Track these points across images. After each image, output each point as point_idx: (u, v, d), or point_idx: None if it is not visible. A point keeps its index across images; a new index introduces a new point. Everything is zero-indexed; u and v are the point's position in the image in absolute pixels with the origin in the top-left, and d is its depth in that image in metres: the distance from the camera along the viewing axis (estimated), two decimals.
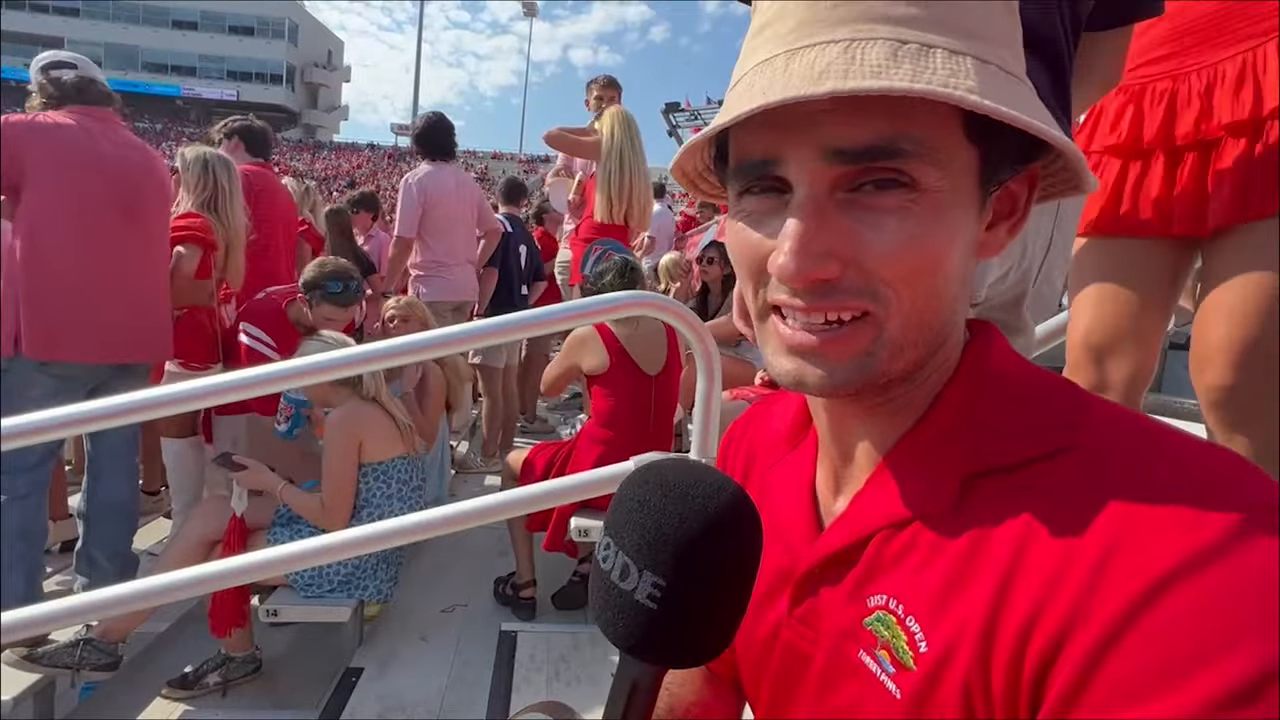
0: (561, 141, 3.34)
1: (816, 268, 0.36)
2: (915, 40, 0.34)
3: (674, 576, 0.32)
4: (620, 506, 0.35)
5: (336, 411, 2.02)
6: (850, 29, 0.35)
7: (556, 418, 4.71)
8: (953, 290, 0.38)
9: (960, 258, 0.38)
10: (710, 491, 0.33)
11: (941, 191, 0.36)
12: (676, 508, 0.33)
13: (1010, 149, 0.36)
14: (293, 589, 1.96)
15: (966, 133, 0.35)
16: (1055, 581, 0.31)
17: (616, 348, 2.26)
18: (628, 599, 0.33)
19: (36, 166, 1.91)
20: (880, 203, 0.36)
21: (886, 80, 0.32)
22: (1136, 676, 0.28)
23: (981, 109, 0.32)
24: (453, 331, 1.40)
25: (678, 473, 0.35)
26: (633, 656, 0.34)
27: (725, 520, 0.33)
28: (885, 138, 0.34)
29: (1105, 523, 0.31)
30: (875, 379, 0.38)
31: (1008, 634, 0.33)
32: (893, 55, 0.33)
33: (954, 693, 0.34)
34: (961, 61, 0.34)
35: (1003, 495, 0.36)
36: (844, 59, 0.34)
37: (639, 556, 0.33)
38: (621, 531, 0.34)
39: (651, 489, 0.34)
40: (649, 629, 0.33)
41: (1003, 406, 0.39)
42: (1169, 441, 0.34)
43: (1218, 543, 0.29)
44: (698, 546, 0.32)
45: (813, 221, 0.36)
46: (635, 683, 0.35)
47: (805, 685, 0.44)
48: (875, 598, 0.39)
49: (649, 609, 0.32)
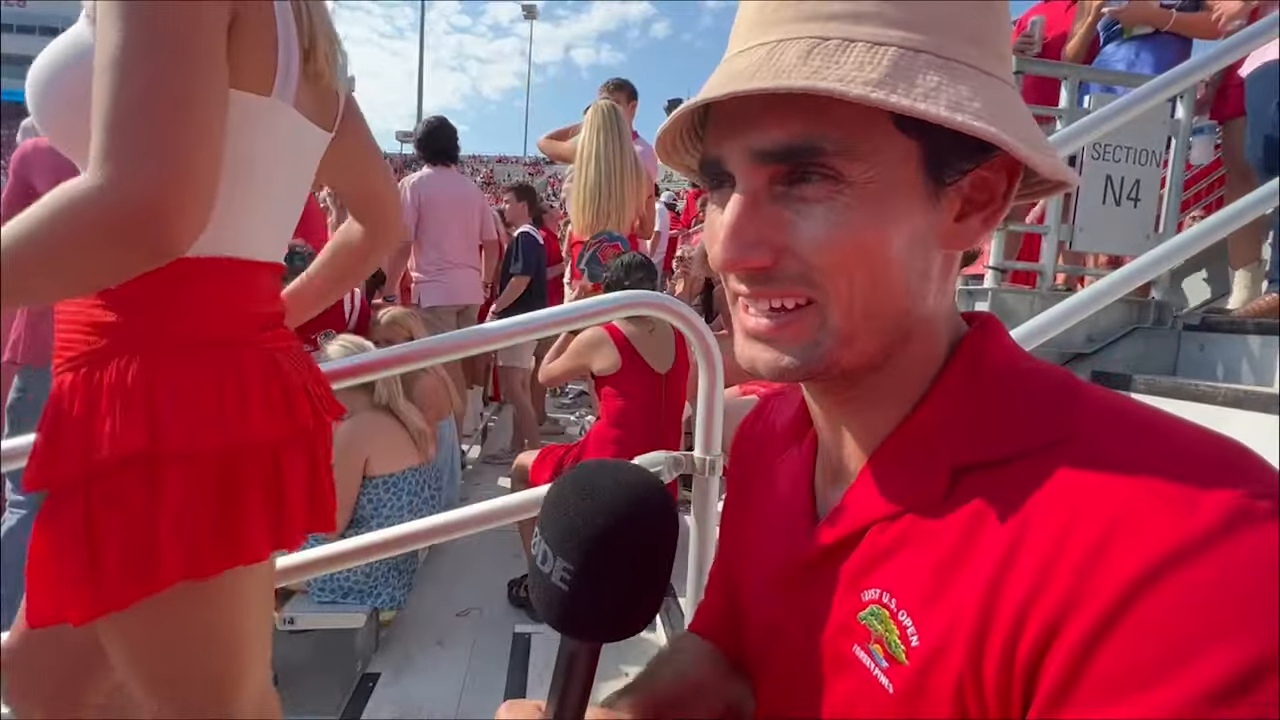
0: (548, 149, 3.31)
1: (747, 255, 0.38)
2: (839, 36, 0.35)
3: (580, 562, 0.37)
4: (546, 501, 0.40)
5: (345, 424, 2.03)
6: (784, 29, 0.37)
7: (566, 418, 4.72)
8: (901, 280, 0.38)
9: (904, 247, 0.38)
10: (621, 491, 0.38)
11: (873, 182, 0.36)
12: (585, 504, 0.38)
13: (950, 138, 0.35)
14: (308, 596, 1.98)
15: (897, 124, 0.36)
16: (1046, 573, 0.31)
17: (627, 347, 2.26)
18: (547, 581, 0.38)
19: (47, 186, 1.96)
20: (810, 194, 0.37)
21: (781, 80, 0.34)
22: (1128, 668, 0.28)
23: (867, 101, 0.33)
24: (455, 336, 1.41)
25: (596, 474, 0.40)
26: (559, 631, 0.39)
27: (630, 516, 0.37)
28: (803, 138, 0.36)
29: (1096, 514, 0.31)
30: (823, 366, 0.40)
31: (1000, 626, 0.32)
32: (805, 55, 0.35)
33: (946, 686, 0.34)
34: (878, 53, 0.35)
35: (994, 488, 0.36)
36: (763, 61, 0.36)
37: (554, 545, 0.38)
38: (545, 524, 0.39)
39: (569, 487, 0.39)
40: (563, 607, 0.38)
41: (995, 399, 0.39)
42: (1164, 430, 0.34)
43: (1211, 531, 0.28)
44: (601, 538, 0.37)
45: (745, 212, 0.38)
46: (571, 656, 0.40)
47: (802, 679, 0.44)
48: (869, 591, 0.39)
49: (560, 589, 0.37)
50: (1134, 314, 2.17)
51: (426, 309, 3.48)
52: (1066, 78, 2.23)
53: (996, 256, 2.25)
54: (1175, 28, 2.48)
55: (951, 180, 0.38)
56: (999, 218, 0.41)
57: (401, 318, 2.53)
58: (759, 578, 0.49)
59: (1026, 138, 0.36)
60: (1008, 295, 2.22)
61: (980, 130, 0.34)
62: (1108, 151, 2.17)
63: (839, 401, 0.44)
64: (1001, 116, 0.35)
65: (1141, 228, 2.23)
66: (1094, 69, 2.60)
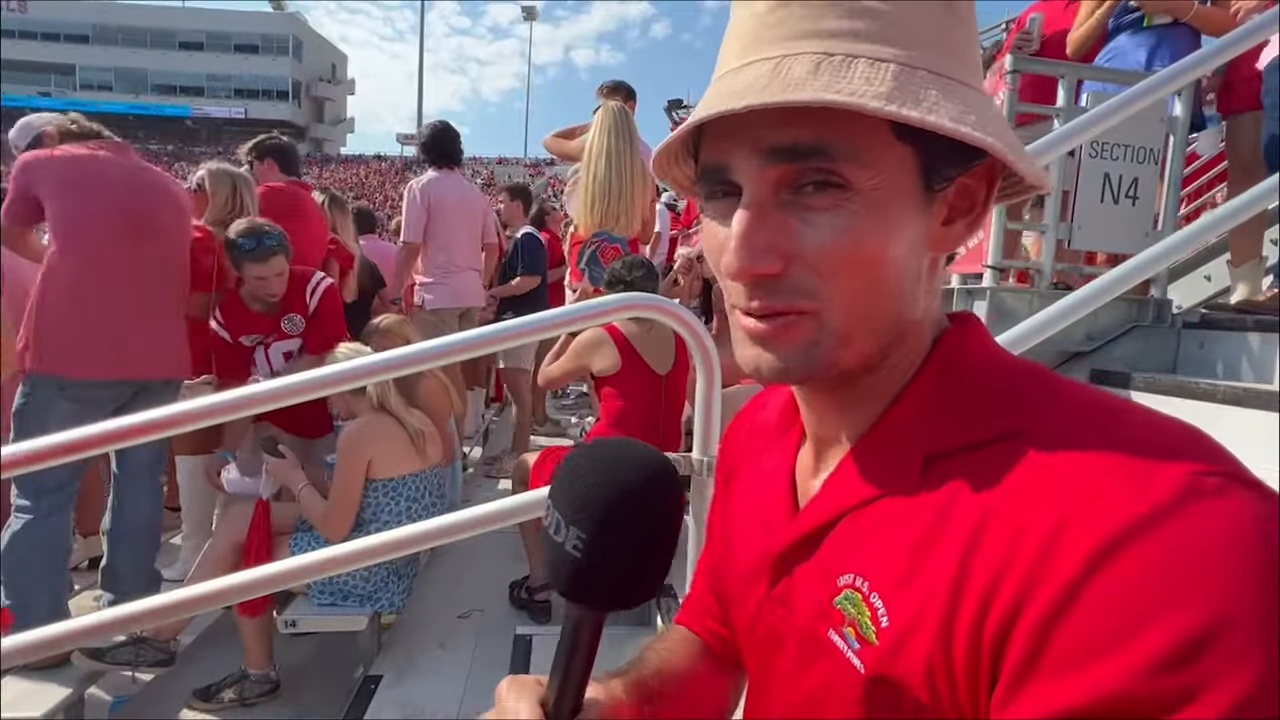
0: (555, 147, 3.31)
1: (759, 263, 0.39)
2: (842, 53, 0.37)
3: (593, 530, 0.38)
4: (558, 474, 0.41)
5: (350, 425, 2.04)
6: (785, 45, 0.38)
7: (567, 419, 4.73)
8: (898, 283, 0.40)
9: (903, 253, 0.39)
10: (633, 464, 0.39)
11: (877, 190, 0.38)
12: (599, 476, 0.39)
13: (945, 146, 0.37)
14: (309, 599, 1.99)
15: (895, 134, 0.37)
16: (1010, 553, 0.33)
17: (627, 348, 2.26)
18: (559, 550, 0.39)
19: (49, 195, 1.98)
20: (817, 202, 0.38)
21: (796, 93, 0.35)
22: (1085, 642, 0.29)
23: (883, 114, 0.35)
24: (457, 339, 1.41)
25: (608, 449, 0.41)
26: (568, 600, 0.40)
27: (642, 488, 0.39)
28: (814, 138, 0.37)
29: (1057, 495, 0.32)
30: (823, 368, 0.41)
31: (968, 606, 0.34)
32: (814, 69, 0.36)
33: (916, 665, 0.36)
34: (881, 69, 0.36)
35: (963, 473, 0.37)
36: (771, 74, 0.37)
37: (567, 514, 0.39)
38: (558, 494, 0.40)
39: (583, 460, 0.40)
40: (575, 575, 0.39)
41: (966, 392, 0.41)
42: (1127, 419, 0.35)
43: (1163, 507, 0.30)
44: (614, 507, 0.38)
45: (755, 219, 0.39)
46: (577, 625, 0.41)
47: (783, 665, 0.45)
48: (844, 576, 0.41)
49: (575, 557, 0.38)
50: (1133, 312, 2.17)
51: (430, 312, 3.49)
52: (1064, 76, 2.23)
53: (995, 255, 2.25)
54: (1194, 19, 2.45)
55: (940, 187, 0.40)
56: (981, 222, 0.43)
57: (397, 326, 2.53)
58: (742, 568, 0.51)
59: (1012, 146, 0.38)
60: (1006, 294, 2.22)
61: (980, 140, 0.36)
62: (1106, 149, 2.17)
63: (830, 401, 0.46)
64: (990, 127, 0.37)
65: (1140, 225, 2.23)
66: (1091, 67, 2.59)
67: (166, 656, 2.01)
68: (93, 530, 2.62)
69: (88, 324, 2.01)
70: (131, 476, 2.21)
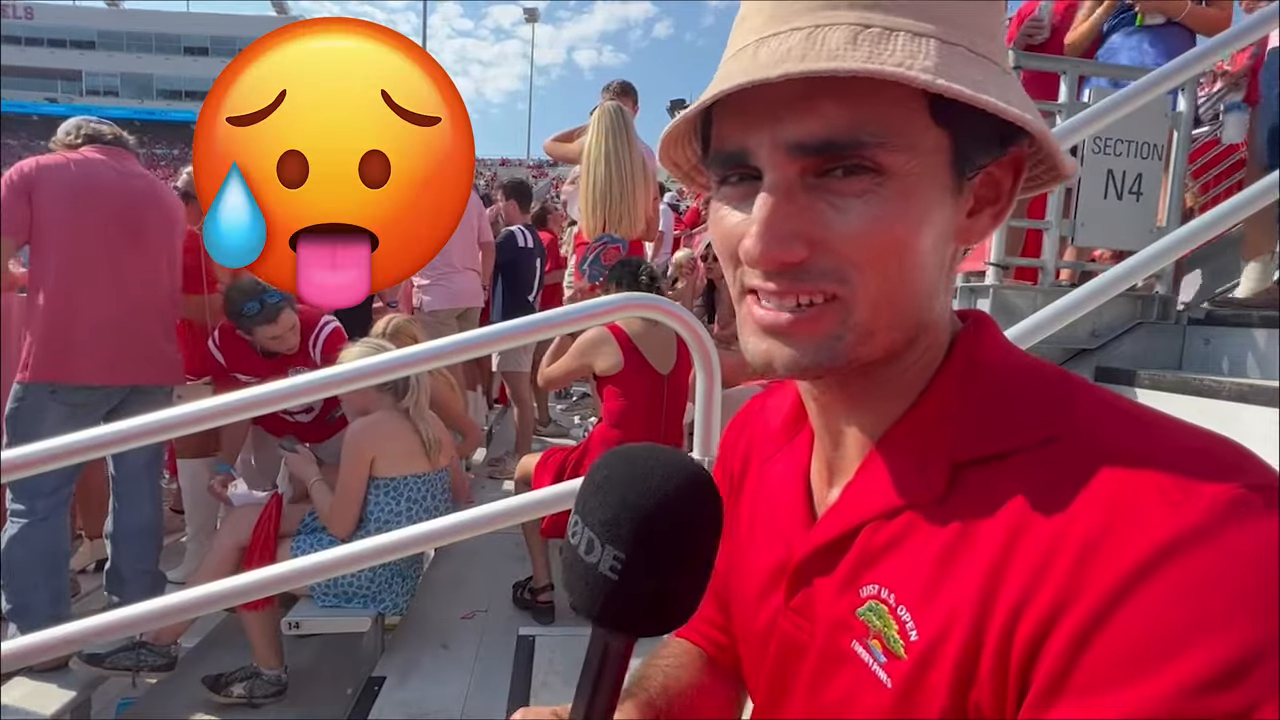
0: (555, 151, 3.29)
1: (783, 249, 0.36)
2: (879, 24, 0.34)
3: (632, 550, 0.34)
4: (587, 487, 0.37)
5: (357, 422, 2.04)
6: (816, 16, 0.35)
7: (569, 419, 4.72)
8: (925, 275, 0.38)
9: (932, 243, 0.37)
10: (669, 473, 0.35)
11: (910, 175, 0.36)
12: (636, 487, 0.35)
13: (981, 131, 0.36)
14: (312, 601, 1.99)
15: (933, 115, 0.35)
16: (1043, 567, 0.31)
17: (630, 347, 2.25)
18: (592, 571, 0.35)
19: (40, 201, 1.99)
20: (847, 187, 0.36)
21: (839, 62, 0.32)
22: (1121, 660, 0.28)
23: (934, 88, 0.32)
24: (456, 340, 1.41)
25: (641, 456, 0.36)
26: (600, 626, 0.36)
27: (681, 499, 0.35)
28: (843, 130, 0.34)
29: (1093, 508, 0.31)
30: (842, 362, 0.38)
31: (997, 621, 0.33)
32: (853, 39, 0.34)
33: (944, 680, 0.35)
34: (923, 43, 0.34)
35: (991, 484, 0.36)
36: (805, 44, 0.34)
37: (602, 532, 0.35)
38: (587, 510, 0.36)
39: (615, 471, 0.36)
40: (611, 599, 0.35)
41: (992, 395, 0.39)
42: (1158, 427, 0.34)
43: (1205, 524, 0.29)
44: (654, 523, 0.34)
45: (780, 205, 0.36)
46: (606, 652, 0.37)
47: (801, 676, 0.44)
48: (867, 587, 0.39)
49: (611, 580, 0.34)
50: (1138, 308, 2.15)
51: (428, 313, 3.49)
52: (1065, 72, 2.21)
53: (998, 253, 2.24)
54: (1188, 19, 2.44)
55: (971, 175, 0.38)
56: (1006, 213, 0.41)
57: (405, 326, 2.55)
58: (754, 578, 0.49)
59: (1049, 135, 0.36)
60: (1009, 292, 2.20)
61: (1030, 123, 0.34)
62: (1109, 145, 2.16)
63: (843, 398, 0.43)
64: (1029, 113, 0.35)
65: (1144, 222, 2.21)
66: (1093, 63, 2.58)
67: (167, 661, 2.00)
68: (98, 534, 2.63)
69: (79, 329, 2.02)
70: (129, 478, 2.22)
